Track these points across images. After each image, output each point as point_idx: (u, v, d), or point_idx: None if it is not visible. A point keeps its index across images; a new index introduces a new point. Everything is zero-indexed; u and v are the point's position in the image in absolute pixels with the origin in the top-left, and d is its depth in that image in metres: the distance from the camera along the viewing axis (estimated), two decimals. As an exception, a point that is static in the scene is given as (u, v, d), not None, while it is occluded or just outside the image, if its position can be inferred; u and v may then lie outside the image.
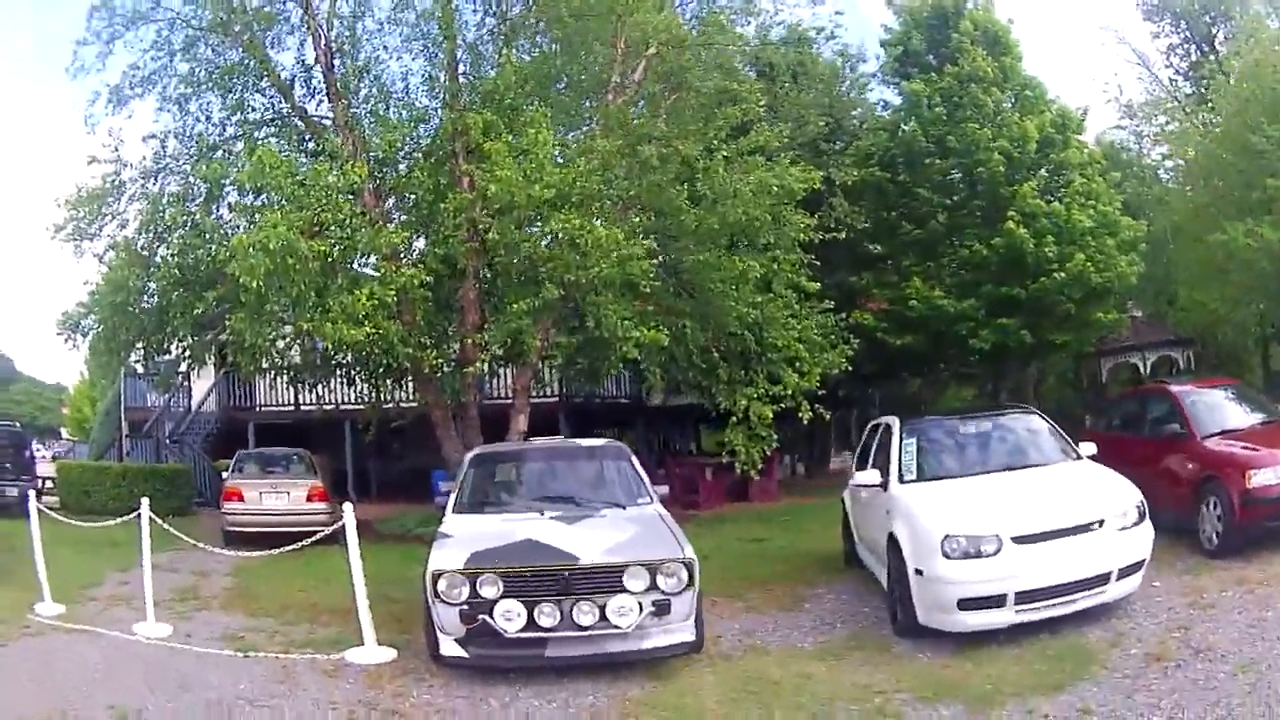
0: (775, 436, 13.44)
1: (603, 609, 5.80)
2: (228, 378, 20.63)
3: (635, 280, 11.71)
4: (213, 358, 15.81)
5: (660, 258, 12.15)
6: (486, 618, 5.77)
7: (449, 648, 5.98)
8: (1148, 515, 6.58)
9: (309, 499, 13.15)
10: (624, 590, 5.86)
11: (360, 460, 20.63)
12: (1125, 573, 6.32)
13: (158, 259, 13.36)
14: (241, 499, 13.07)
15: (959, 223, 17.75)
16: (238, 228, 12.39)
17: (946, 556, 6.11)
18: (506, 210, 11.30)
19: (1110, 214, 16.92)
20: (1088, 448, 7.72)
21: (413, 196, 13.20)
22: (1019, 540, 6.13)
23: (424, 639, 6.42)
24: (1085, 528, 6.31)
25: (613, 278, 11.48)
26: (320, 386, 16.78)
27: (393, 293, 11.12)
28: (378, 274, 11.86)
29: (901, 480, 7.39)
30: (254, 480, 13.60)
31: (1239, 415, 9.18)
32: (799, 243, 13.87)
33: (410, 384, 15.39)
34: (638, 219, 12.47)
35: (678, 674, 6.02)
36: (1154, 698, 4.91)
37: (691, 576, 5.97)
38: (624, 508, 7.10)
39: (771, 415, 13.03)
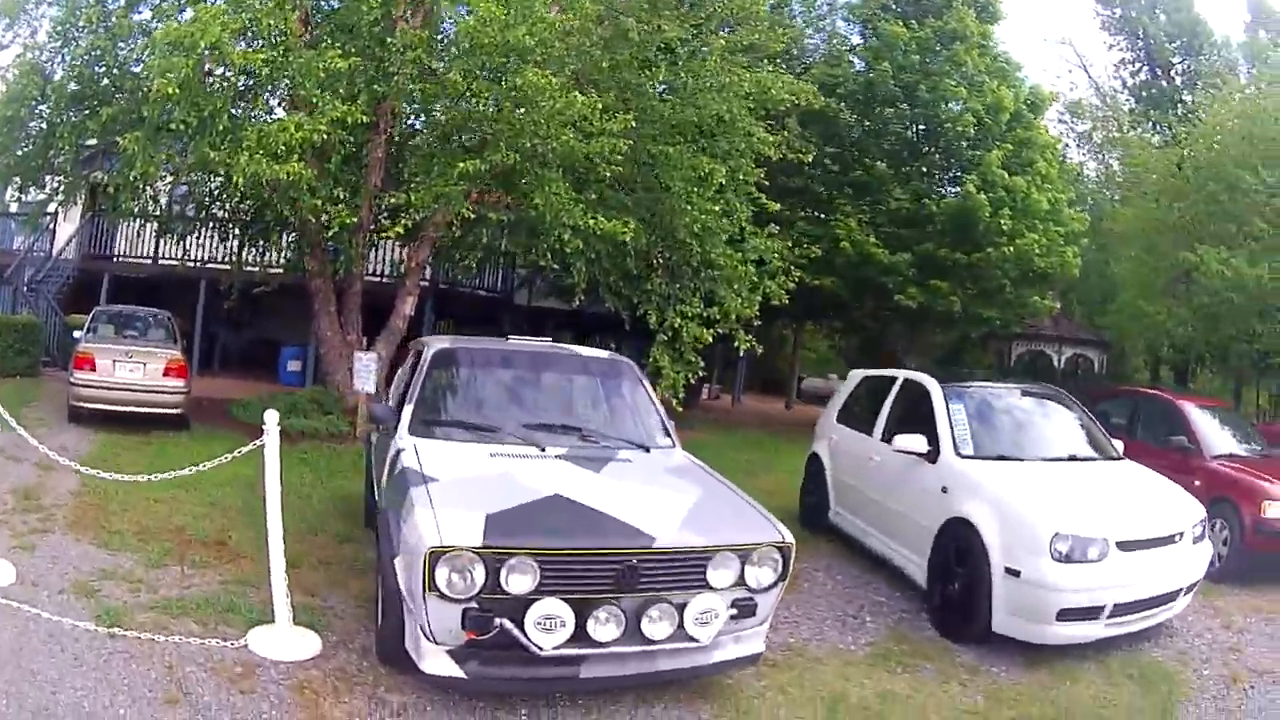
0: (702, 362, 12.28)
1: (681, 613, 3.95)
2: (92, 222, 18.32)
3: (602, 160, 10.09)
4: (83, 197, 13.66)
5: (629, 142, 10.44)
6: (509, 625, 3.69)
7: (437, 663, 3.83)
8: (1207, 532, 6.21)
9: (165, 373, 10.48)
10: (707, 586, 4.04)
11: (208, 326, 18.07)
12: (1189, 590, 5.89)
13: (59, 73, 11.17)
14: (94, 368, 10.35)
15: (906, 175, 17.07)
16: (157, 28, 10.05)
17: (1054, 558, 5.18)
18: (470, 53, 9.24)
19: (1060, 203, 16.75)
20: (1119, 444, 7.13)
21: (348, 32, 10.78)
22: (1122, 546, 5.36)
23: (376, 632, 4.52)
24: (1170, 539, 5.71)
25: (574, 153, 9.88)
26: (189, 239, 14.81)
27: (324, 127, 8.83)
28: (295, 109, 9.71)
29: (959, 454, 6.27)
30: (108, 345, 10.91)
31: (1239, 440, 9.24)
32: (756, 158, 12.56)
33: (284, 246, 13.17)
34: (604, 97, 10.62)
35: (735, 692, 4.50)
36: (1265, 707, 4.93)
37: (786, 568, 4.27)
38: (648, 450, 5.28)
39: (710, 339, 11.95)
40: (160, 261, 17.59)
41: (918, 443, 6.46)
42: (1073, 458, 6.66)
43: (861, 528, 7.36)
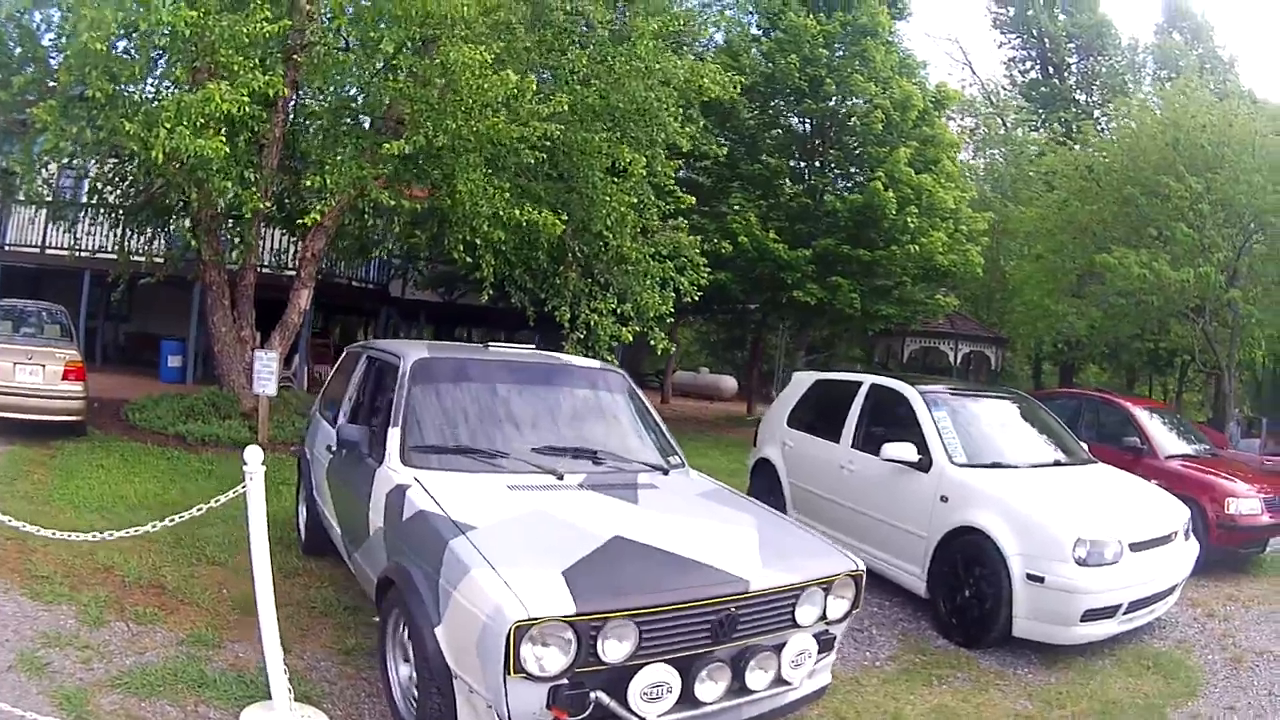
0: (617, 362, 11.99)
1: (779, 657, 3.61)
2: (-8, 212, 16.62)
3: (527, 146, 9.63)
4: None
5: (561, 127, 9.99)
6: (607, 699, 3.16)
7: None
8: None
9: (65, 376, 9.11)
10: (795, 625, 3.69)
11: (89, 320, 16.42)
12: (1181, 585, 6.13)
13: None
14: None
15: (800, 170, 17.06)
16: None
17: (1077, 563, 5.25)
18: (399, 21, 8.54)
19: (963, 201, 16.93)
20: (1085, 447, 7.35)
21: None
22: (1133, 548, 5.52)
23: (400, 709, 3.75)
24: (1168, 538, 5.93)
25: (501, 136, 9.34)
26: (78, 227, 13.52)
27: (245, 98, 7.86)
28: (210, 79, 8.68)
29: (953, 463, 6.15)
30: (8, 346, 9.47)
31: (1186, 441, 9.63)
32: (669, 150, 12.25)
33: (181, 233, 12.09)
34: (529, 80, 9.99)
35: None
36: (1264, 692, 5.21)
37: (859, 596, 3.98)
38: (665, 471, 4.77)
39: (631, 338, 11.60)
40: (48, 251, 16.06)
41: (908, 451, 6.30)
42: (1056, 463, 6.72)
43: (834, 536, 7.10)
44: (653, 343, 11.91)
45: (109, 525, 6.20)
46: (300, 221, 9.71)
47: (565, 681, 3.11)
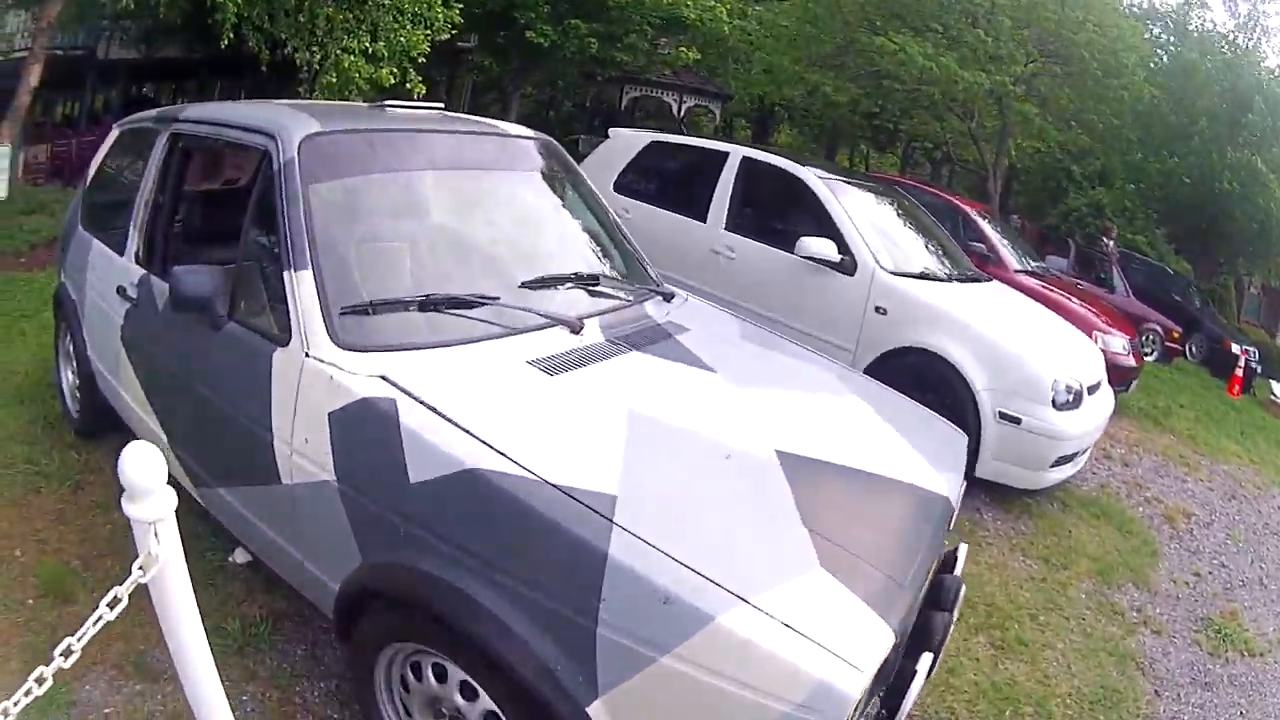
0: None
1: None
2: None
3: None
4: None
5: None
6: None
7: None
8: None
9: None
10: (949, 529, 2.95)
11: None
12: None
13: None
14: None
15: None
16: None
17: (1055, 406, 4.86)
18: None
19: None
20: None
21: None
22: (1089, 391, 5.21)
23: None
24: (1100, 384, 5.58)
25: None
26: None
27: None
28: None
29: (882, 268, 5.34)
30: None
31: (1023, 253, 9.20)
32: None
33: None
34: None
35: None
36: (1216, 562, 5.23)
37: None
38: (667, 297, 3.31)
39: (392, 80, 10.19)
40: None
41: (829, 249, 5.40)
42: (964, 278, 5.98)
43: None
44: (409, 86, 10.34)
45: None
46: None
47: None
